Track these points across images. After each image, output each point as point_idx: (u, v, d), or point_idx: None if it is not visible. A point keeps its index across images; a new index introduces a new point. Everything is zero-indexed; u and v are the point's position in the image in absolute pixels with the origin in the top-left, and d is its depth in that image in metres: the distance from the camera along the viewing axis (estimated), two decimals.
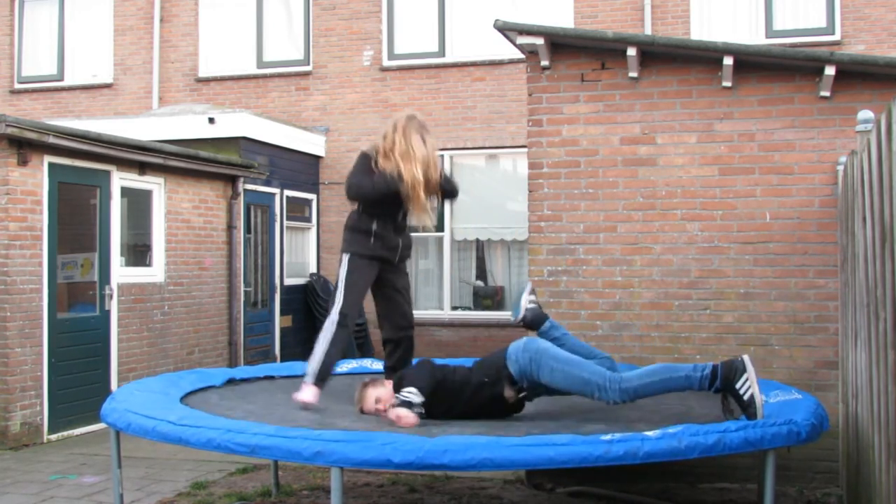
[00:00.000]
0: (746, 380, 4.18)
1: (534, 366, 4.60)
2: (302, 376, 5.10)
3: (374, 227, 5.16)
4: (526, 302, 5.14)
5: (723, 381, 4.25)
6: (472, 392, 4.68)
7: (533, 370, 4.61)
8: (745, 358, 4.26)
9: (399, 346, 5.37)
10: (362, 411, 4.78)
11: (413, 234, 5.56)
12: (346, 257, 5.19)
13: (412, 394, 4.45)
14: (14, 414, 7.60)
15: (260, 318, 11.35)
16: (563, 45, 6.28)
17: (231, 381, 5.73)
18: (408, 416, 4.34)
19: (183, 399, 5.03)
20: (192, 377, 5.60)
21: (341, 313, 5.05)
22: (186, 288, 9.86)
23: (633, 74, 6.12)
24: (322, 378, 4.98)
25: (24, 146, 7.71)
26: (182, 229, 9.82)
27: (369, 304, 5.51)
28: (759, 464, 4.24)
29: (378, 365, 6.11)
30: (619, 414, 4.69)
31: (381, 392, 4.76)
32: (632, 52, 6.00)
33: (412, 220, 5.28)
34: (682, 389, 4.43)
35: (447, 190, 5.30)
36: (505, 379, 4.68)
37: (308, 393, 4.91)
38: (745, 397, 4.18)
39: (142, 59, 13.67)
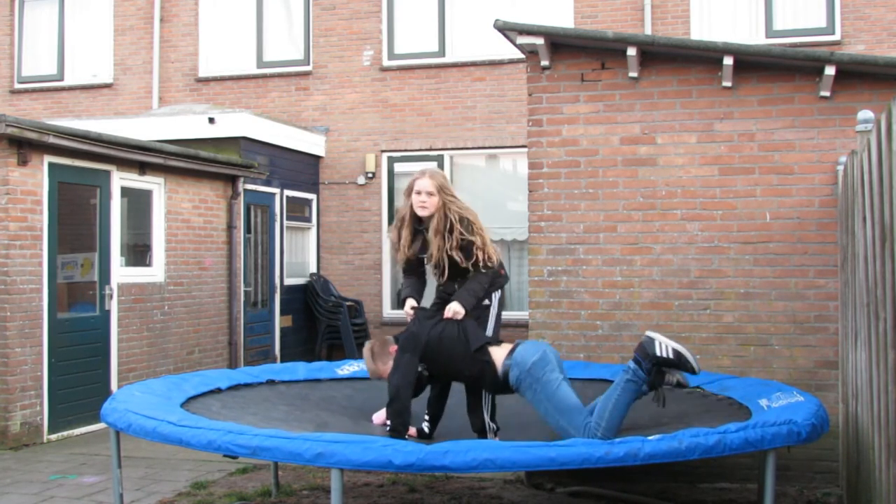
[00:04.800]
0: (660, 343, 4.47)
1: (528, 390, 4.72)
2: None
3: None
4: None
5: (644, 356, 4.49)
6: (460, 368, 4.92)
7: (524, 390, 4.74)
8: (647, 333, 4.58)
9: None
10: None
11: None
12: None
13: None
14: (14, 414, 7.60)
15: (260, 318, 11.35)
16: (563, 45, 6.28)
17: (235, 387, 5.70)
18: None
19: (184, 405, 5.01)
20: (195, 380, 5.58)
21: None
22: (186, 288, 9.86)
23: (633, 74, 6.11)
24: None
25: (24, 146, 7.71)
26: (182, 229, 9.82)
27: (370, 304, 5.51)
28: (760, 464, 4.25)
29: None
30: None
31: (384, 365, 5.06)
32: (632, 52, 6.00)
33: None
34: (636, 393, 4.57)
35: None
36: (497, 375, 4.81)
37: None
38: (671, 355, 4.44)
39: (142, 59, 13.67)
